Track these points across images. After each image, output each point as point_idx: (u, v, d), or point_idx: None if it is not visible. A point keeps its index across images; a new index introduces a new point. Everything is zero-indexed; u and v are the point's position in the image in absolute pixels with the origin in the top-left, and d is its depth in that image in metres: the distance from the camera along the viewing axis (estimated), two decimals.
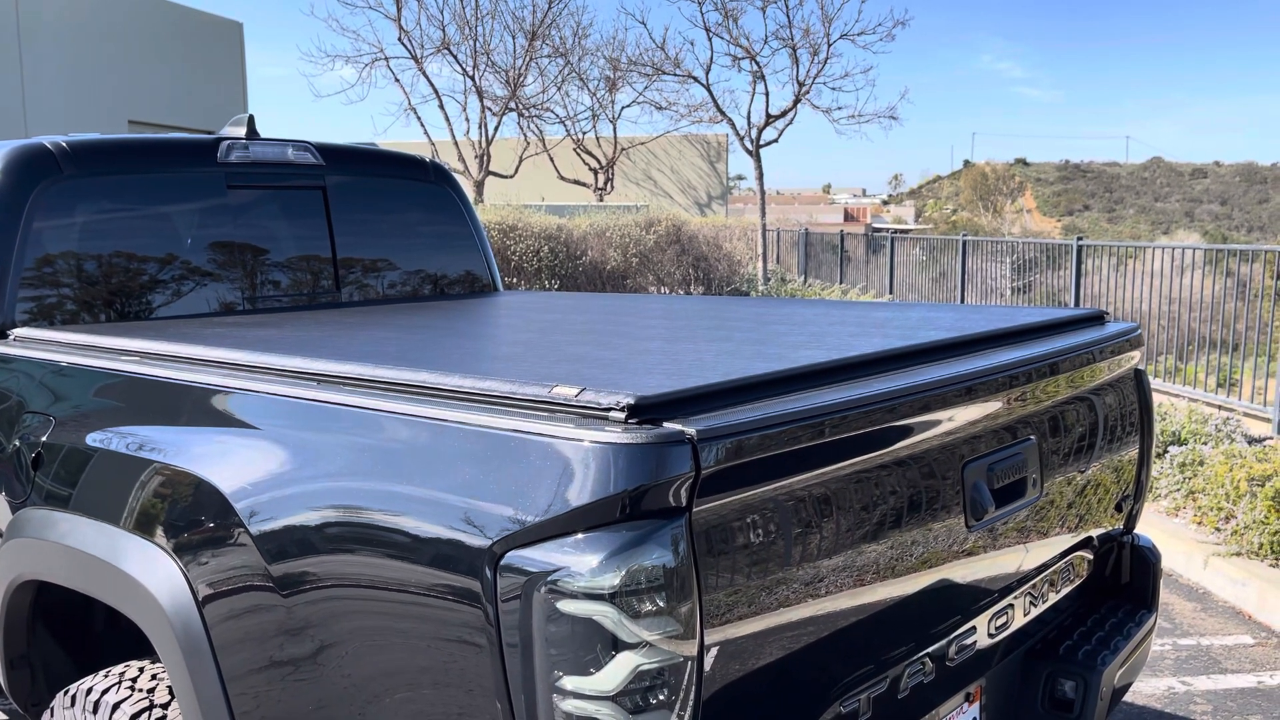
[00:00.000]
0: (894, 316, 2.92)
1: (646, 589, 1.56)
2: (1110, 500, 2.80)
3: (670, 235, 14.90)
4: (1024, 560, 2.42)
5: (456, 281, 4.39)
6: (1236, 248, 10.03)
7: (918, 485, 2.02)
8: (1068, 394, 2.50)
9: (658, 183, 28.90)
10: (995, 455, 2.21)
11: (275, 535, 1.94)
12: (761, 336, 2.50)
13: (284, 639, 1.94)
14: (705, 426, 1.60)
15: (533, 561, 1.59)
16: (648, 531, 1.56)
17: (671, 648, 1.58)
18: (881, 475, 1.94)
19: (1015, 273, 16.55)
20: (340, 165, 4.00)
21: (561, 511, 1.58)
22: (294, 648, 1.93)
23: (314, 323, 3.10)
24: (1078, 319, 2.85)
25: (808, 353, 2.16)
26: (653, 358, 2.20)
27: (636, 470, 1.56)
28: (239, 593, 2.01)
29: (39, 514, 2.52)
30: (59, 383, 2.70)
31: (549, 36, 24.02)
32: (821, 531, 1.82)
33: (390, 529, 1.79)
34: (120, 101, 16.55)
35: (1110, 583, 2.97)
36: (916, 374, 2.07)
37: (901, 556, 2.00)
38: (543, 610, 1.58)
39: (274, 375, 2.19)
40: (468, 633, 1.67)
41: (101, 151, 3.42)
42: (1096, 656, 2.60)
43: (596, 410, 1.66)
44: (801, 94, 21.89)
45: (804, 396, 1.84)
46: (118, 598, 2.28)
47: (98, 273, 3.27)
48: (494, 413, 1.76)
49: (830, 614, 1.87)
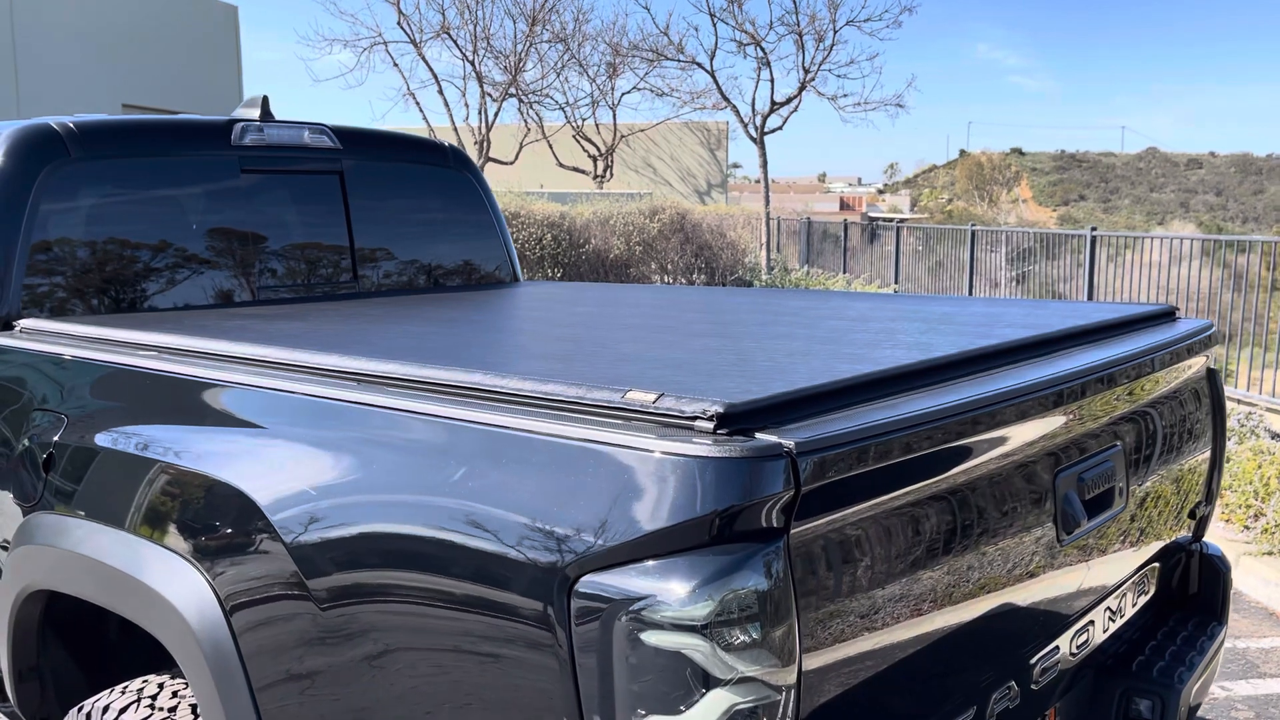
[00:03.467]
0: (956, 311, 2.76)
1: (741, 619, 1.40)
2: (1184, 507, 2.66)
3: (674, 224, 14.72)
4: (1106, 574, 2.27)
5: (477, 271, 4.23)
6: (1258, 239, 9.89)
7: (1013, 497, 1.87)
8: (1151, 396, 2.35)
9: (657, 170, 28.66)
10: (1085, 464, 2.06)
11: (315, 549, 1.78)
12: (826, 334, 2.34)
13: (322, 658, 1.79)
14: (805, 438, 1.44)
15: (611, 588, 1.44)
16: (743, 556, 1.40)
17: (768, 683, 1.43)
18: (977, 487, 1.78)
19: (1010, 263, 16.45)
20: (357, 149, 3.83)
21: (643, 532, 1.42)
22: (333, 669, 1.77)
23: (338, 315, 2.93)
24: (1149, 315, 2.70)
25: (888, 352, 2.01)
26: (716, 356, 2.04)
27: (730, 488, 1.40)
28: (273, 609, 1.84)
29: (50, 520, 2.35)
30: (71, 379, 2.53)
31: (549, 22, 23.75)
32: (917, 551, 1.67)
33: (442, 544, 1.63)
34: (115, 86, 16.29)
35: (1177, 593, 2.82)
36: (1010, 376, 1.91)
37: (994, 575, 1.84)
38: (624, 642, 1.42)
39: (308, 374, 2.03)
40: (532, 662, 1.52)
41: (110, 133, 3.24)
42: (1173, 673, 2.46)
43: (680, 419, 1.50)
44: (807, 80, 21.69)
45: (898, 402, 1.69)
46: (138, 611, 2.12)
47: (107, 261, 3.10)
48: (560, 420, 1.60)
49: (923, 640, 1.72)
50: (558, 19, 24.24)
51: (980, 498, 1.79)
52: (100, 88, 15.95)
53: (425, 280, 4.02)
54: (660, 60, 24.21)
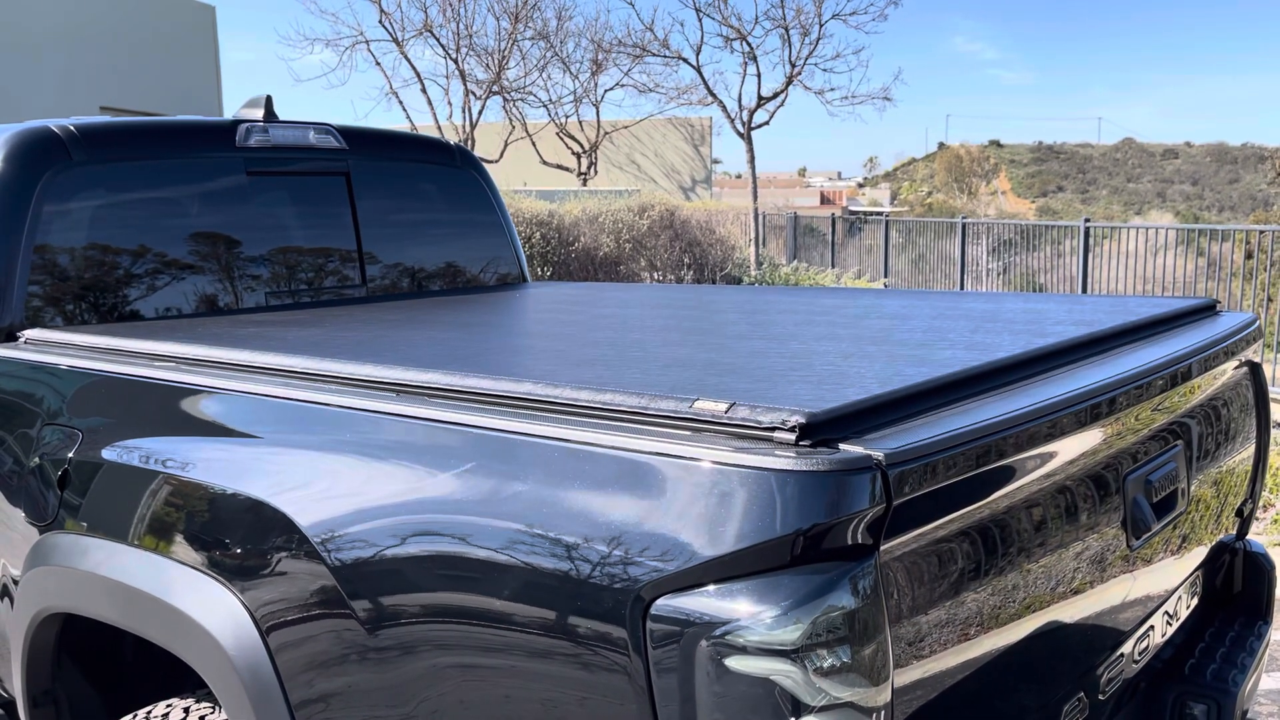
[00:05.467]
0: (996, 308, 2.69)
1: (833, 642, 1.33)
2: (1232, 505, 2.60)
3: (663, 220, 14.63)
4: (1166, 578, 2.21)
5: (487, 272, 4.13)
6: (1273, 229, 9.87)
7: (1086, 502, 1.80)
8: (1207, 393, 2.29)
9: (641, 167, 28.54)
10: (1151, 465, 1.99)
11: (360, 569, 1.69)
12: (871, 334, 2.27)
13: (369, 683, 1.70)
14: (894, 449, 1.36)
15: (691, 611, 1.36)
16: (835, 577, 1.33)
17: (861, 706, 1.35)
18: (1052, 494, 1.71)
19: (991, 255, 16.50)
20: (363, 149, 3.73)
21: (723, 552, 1.34)
22: (380, 693, 1.69)
23: (355, 320, 2.84)
24: (1192, 310, 2.64)
25: (947, 353, 1.93)
26: (768, 360, 1.96)
27: (817, 504, 1.32)
28: (316, 634, 1.75)
29: (68, 540, 2.25)
30: (83, 392, 2.43)
31: (532, 19, 23.60)
32: (997, 562, 1.59)
33: (497, 564, 1.54)
34: (92, 88, 16.06)
35: (1222, 593, 2.77)
36: (1076, 376, 1.84)
37: (1066, 584, 1.77)
38: (708, 668, 1.34)
39: (342, 384, 1.93)
40: (603, 687, 1.44)
41: (113, 135, 3.13)
42: (1227, 677, 2.39)
43: (757, 430, 1.42)
44: (794, 75, 21.62)
45: (970, 406, 1.61)
46: (166, 635, 2.02)
47: (112, 267, 2.99)
48: (622, 432, 1.51)
49: (999, 654, 1.65)
50: (540, 16, 24.08)
51: (1055, 504, 1.72)
52: (77, 90, 15.72)
53: (434, 282, 3.93)
54: (645, 56, 24.10)
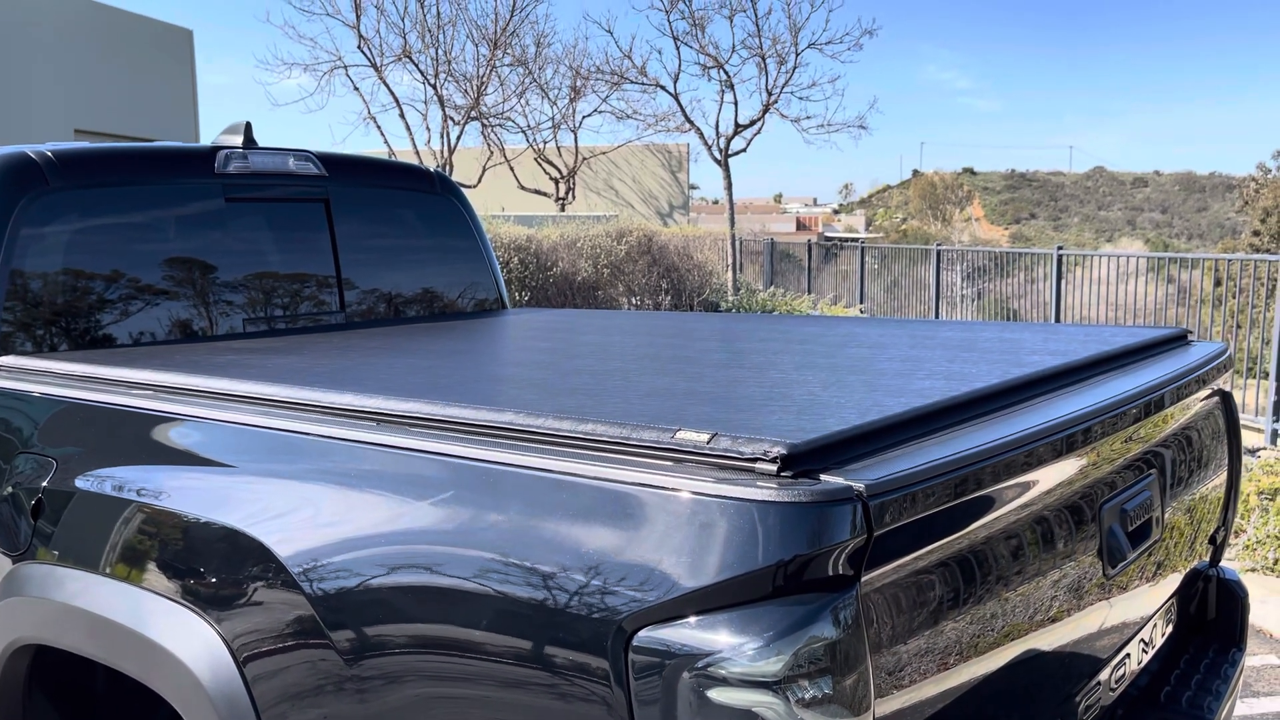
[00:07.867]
0: (971, 337, 2.72)
1: (814, 673, 1.33)
2: (1205, 532, 2.63)
3: (641, 246, 14.66)
4: (1140, 605, 2.23)
5: (465, 298, 4.13)
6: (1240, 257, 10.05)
7: (1063, 531, 1.81)
8: (1180, 421, 2.32)
9: (619, 192, 28.64)
10: (1126, 494, 2.01)
11: (340, 600, 1.68)
12: (849, 363, 2.28)
13: (349, 716, 1.68)
14: (875, 479, 1.37)
15: (672, 642, 1.36)
16: (816, 607, 1.33)
17: None
18: (1030, 523, 1.73)
19: (965, 281, 16.71)
20: (342, 176, 3.73)
21: (704, 583, 1.35)
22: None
23: (334, 348, 2.83)
24: (1164, 339, 2.67)
25: (925, 383, 1.95)
26: (747, 389, 1.97)
27: (798, 535, 1.33)
28: (295, 667, 1.74)
29: (41, 570, 2.23)
30: (57, 419, 2.41)
31: (511, 45, 23.66)
32: (978, 591, 1.60)
33: (478, 595, 1.54)
34: (67, 110, 15.96)
35: (1195, 620, 2.79)
36: (1052, 406, 1.86)
37: (1043, 613, 1.78)
38: (690, 700, 1.34)
39: (321, 413, 1.93)
40: (583, 718, 1.43)
41: (90, 161, 3.12)
42: (1202, 704, 2.41)
43: (739, 460, 1.43)
44: (770, 103, 21.78)
45: (949, 436, 1.63)
46: (141, 668, 2.00)
47: (88, 294, 2.97)
48: (603, 462, 1.52)
49: (977, 684, 1.65)
50: (519, 43, 24.16)
51: (1032, 533, 1.74)
52: (52, 113, 15.62)
53: (413, 308, 3.92)
54: (623, 83, 24.23)
